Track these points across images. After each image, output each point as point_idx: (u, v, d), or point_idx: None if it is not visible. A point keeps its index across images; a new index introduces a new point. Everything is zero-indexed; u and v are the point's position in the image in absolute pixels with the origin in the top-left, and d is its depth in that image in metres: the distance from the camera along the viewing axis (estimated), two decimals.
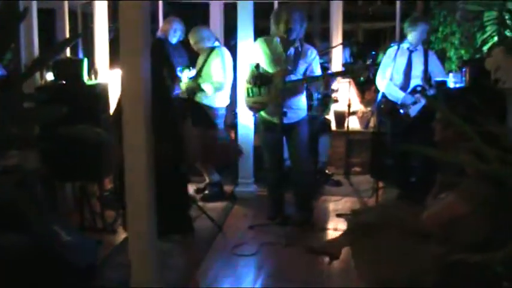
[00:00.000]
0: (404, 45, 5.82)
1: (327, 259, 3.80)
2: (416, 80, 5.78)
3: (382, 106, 5.89)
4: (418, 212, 3.06)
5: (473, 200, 2.76)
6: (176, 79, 5.95)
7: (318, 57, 5.29)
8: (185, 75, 6.00)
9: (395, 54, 5.70)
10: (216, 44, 6.17)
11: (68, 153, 4.64)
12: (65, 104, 3.07)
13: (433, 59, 5.85)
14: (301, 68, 5.16)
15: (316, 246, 4.61)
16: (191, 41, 6.21)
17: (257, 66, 5.21)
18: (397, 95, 5.78)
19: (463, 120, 2.37)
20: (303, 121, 5.29)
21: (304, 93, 5.32)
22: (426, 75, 5.77)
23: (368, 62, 6.03)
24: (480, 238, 2.72)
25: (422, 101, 5.67)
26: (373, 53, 5.94)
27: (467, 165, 2.82)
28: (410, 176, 5.99)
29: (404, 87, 5.82)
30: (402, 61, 5.80)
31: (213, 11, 7.75)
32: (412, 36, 5.78)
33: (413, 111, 5.77)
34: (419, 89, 5.75)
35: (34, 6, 5.31)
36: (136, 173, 3.23)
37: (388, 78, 5.75)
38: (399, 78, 5.83)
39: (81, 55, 7.45)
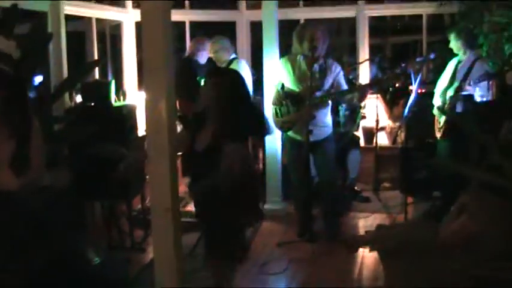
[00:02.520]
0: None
1: (356, 277, 3.74)
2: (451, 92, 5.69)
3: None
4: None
5: (483, 215, 2.72)
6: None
7: (342, 71, 5.26)
8: None
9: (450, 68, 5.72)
10: (234, 56, 6.22)
11: (97, 173, 4.69)
12: (93, 125, 3.12)
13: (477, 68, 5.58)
14: (328, 83, 5.13)
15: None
16: (211, 52, 6.26)
17: (282, 86, 5.22)
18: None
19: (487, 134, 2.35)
20: (329, 138, 5.26)
21: (329, 109, 5.30)
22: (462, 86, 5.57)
23: (397, 71, 6.00)
24: (502, 248, 2.68)
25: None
26: (403, 64, 5.89)
27: (484, 179, 2.78)
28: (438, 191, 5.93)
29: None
30: (449, 74, 5.78)
31: (239, 30, 7.80)
32: (453, 46, 5.74)
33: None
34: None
35: (63, 28, 5.42)
36: (160, 187, 3.21)
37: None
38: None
39: (110, 76, 7.56)
